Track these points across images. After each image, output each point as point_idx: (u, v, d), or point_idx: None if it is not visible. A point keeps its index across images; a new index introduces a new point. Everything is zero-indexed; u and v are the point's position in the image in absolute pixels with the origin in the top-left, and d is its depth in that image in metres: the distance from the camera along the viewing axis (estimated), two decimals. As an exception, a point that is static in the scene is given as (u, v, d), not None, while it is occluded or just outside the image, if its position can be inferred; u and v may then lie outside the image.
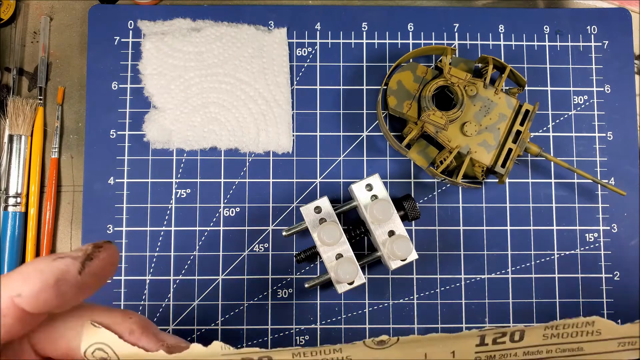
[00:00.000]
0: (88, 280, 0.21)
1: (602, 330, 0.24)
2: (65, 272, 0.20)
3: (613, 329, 0.24)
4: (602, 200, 0.39)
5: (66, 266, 0.20)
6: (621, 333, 0.24)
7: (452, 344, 0.23)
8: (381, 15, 0.41)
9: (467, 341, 0.23)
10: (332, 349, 0.22)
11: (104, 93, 0.39)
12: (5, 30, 0.41)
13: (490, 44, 0.41)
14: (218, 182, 0.39)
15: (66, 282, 0.20)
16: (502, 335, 0.23)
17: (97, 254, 0.21)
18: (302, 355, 0.22)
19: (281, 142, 0.39)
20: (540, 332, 0.24)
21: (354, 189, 0.35)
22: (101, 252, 0.21)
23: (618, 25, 0.41)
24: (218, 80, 0.39)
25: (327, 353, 0.22)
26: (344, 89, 0.40)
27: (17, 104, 0.39)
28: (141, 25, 0.40)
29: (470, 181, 0.38)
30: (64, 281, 0.20)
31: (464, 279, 0.38)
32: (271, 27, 0.40)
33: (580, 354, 0.24)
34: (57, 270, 0.20)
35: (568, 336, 0.24)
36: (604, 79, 0.40)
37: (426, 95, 0.36)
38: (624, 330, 0.24)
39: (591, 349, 0.24)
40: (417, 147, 0.38)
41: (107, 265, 0.21)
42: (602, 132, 0.40)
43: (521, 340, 0.24)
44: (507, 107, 0.37)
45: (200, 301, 0.37)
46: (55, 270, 0.20)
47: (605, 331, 0.24)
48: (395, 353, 0.23)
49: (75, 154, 0.40)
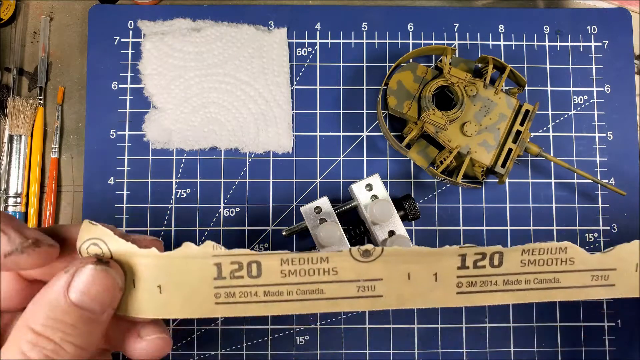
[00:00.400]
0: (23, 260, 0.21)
1: (575, 258, 0.25)
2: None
3: (585, 258, 0.25)
4: (602, 200, 0.39)
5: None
6: (593, 264, 0.25)
7: (434, 261, 0.24)
8: (381, 15, 0.41)
9: (449, 260, 0.24)
10: (319, 257, 0.23)
11: (104, 93, 0.39)
12: (5, 30, 0.41)
13: (490, 44, 0.41)
14: (218, 182, 0.39)
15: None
16: (482, 258, 0.24)
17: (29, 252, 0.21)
18: (290, 262, 0.23)
19: (281, 142, 0.39)
20: (517, 255, 0.25)
21: (354, 189, 0.35)
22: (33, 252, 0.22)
23: (618, 25, 0.41)
24: (218, 80, 0.39)
25: (315, 262, 0.23)
26: (344, 89, 0.40)
27: (17, 104, 0.39)
28: (141, 25, 0.40)
29: (470, 181, 0.38)
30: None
31: (464, 279, 0.38)
32: (271, 27, 0.40)
33: (556, 287, 0.25)
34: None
35: (544, 263, 0.25)
36: (604, 79, 0.40)
37: (426, 95, 0.36)
38: (594, 259, 0.25)
39: (567, 281, 0.25)
40: (417, 147, 0.38)
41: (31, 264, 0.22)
42: (602, 132, 0.40)
43: (500, 266, 0.24)
44: (507, 107, 0.37)
45: (200, 301, 0.37)
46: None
47: (577, 259, 0.25)
48: (379, 268, 0.24)
49: (75, 154, 0.40)
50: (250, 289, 0.23)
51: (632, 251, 0.25)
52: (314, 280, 0.23)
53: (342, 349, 0.37)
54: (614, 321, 0.38)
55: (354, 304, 0.24)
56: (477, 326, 0.38)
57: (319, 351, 0.37)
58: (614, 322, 0.38)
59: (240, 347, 0.37)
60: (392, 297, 0.24)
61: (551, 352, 0.38)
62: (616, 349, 0.38)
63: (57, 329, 0.21)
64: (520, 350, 0.38)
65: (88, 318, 0.21)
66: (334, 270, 0.23)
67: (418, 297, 0.24)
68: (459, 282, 0.24)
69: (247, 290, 0.23)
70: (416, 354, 0.37)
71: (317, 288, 0.23)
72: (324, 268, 0.23)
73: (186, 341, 0.37)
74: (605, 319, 0.38)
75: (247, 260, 0.23)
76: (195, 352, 0.37)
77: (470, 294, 0.24)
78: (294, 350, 0.37)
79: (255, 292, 0.23)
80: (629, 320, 0.38)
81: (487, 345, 0.38)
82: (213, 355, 0.37)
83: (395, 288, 0.24)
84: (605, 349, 0.38)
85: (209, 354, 0.37)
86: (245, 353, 0.37)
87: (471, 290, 0.24)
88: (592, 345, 0.38)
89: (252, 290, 0.23)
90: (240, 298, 0.23)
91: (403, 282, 0.24)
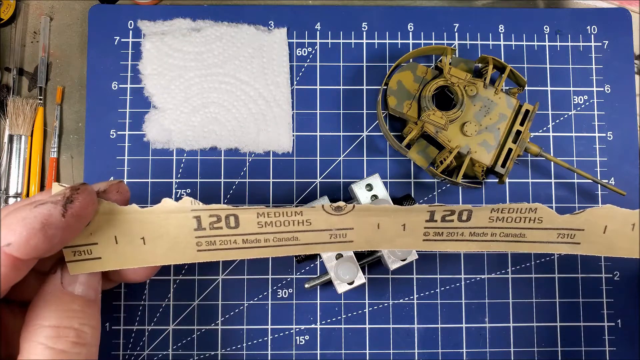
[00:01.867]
0: (71, 221, 0.22)
1: (544, 218, 0.26)
2: (49, 216, 0.21)
3: (553, 218, 0.26)
4: (602, 200, 0.39)
5: (48, 210, 0.21)
6: (560, 223, 0.26)
7: (403, 216, 0.25)
8: (381, 15, 0.41)
9: (418, 215, 0.25)
10: (294, 211, 0.25)
11: (104, 93, 0.39)
12: (5, 30, 0.41)
13: (490, 44, 0.41)
14: (218, 182, 0.39)
15: (52, 225, 0.21)
16: (450, 214, 0.25)
17: (77, 196, 0.22)
18: (266, 215, 0.25)
19: (281, 142, 0.39)
20: (487, 213, 0.25)
21: (354, 189, 0.35)
22: (80, 194, 0.22)
23: (618, 25, 0.41)
24: (218, 80, 0.39)
25: (289, 215, 0.25)
26: (344, 89, 0.40)
27: (17, 104, 0.39)
28: (141, 25, 0.40)
29: (470, 181, 0.38)
30: (50, 224, 0.21)
31: (464, 278, 0.38)
32: (271, 27, 0.40)
33: (521, 240, 0.25)
34: (40, 215, 0.21)
35: (512, 221, 0.25)
36: (604, 79, 0.40)
37: (426, 95, 0.36)
38: (563, 220, 0.26)
39: (532, 237, 0.26)
40: (417, 147, 0.38)
41: (87, 205, 0.22)
42: (602, 132, 0.40)
43: (468, 221, 0.25)
44: (507, 107, 0.37)
45: (200, 301, 0.37)
46: (38, 215, 0.21)
47: (546, 219, 0.26)
48: (350, 220, 0.25)
49: (75, 154, 0.40)
50: (230, 238, 0.25)
51: (602, 215, 0.26)
52: (290, 230, 0.25)
53: (342, 349, 0.37)
54: (614, 321, 0.38)
55: (326, 247, 0.25)
56: (477, 326, 0.38)
57: (319, 351, 0.37)
58: (614, 322, 0.38)
59: (240, 347, 0.37)
60: (362, 241, 0.25)
61: (551, 352, 0.38)
62: (616, 349, 0.38)
63: (72, 317, 0.22)
64: (520, 350, 0.38)
65: (89, 301, 0.24)
66: (307, 221, 0.25)
67: (386, 242, 0.26)
68: (426, 232, 0.25)
69: (227, 239, 0.25)
70: (416, 354, 0.37)
71: (292, 236, 0.25)
72: (298, 220, 0.25)
73: (186, 341, 0.37)
74: (605, 319, 0.38)
75: (225, 214, 0.24)
76: (195, 352, 0.37)
77: (435, 241, 0.25)
78: (294, 350, 0.37)
79: (234, 240, 0.25)
80: (629, 320, 0.38)
81: (487, 345, 0.38)
82: (213, 355, 0.37)
83: (364, 235, 0.25)
84: (605, 349, 0.38)
85: (209, 354, 0.37)
86: (245, 353, 0.37)
87: (437, 238, 0.25)
88: (592, 345, 0.38)
89: (231, 239, 0.25)
90: (221, 245, 0.25)
91: (373, 231, 0.25)
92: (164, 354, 0.37)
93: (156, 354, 0.37)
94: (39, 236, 0.20)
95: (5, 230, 0.20)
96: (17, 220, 0.20)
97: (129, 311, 0.37)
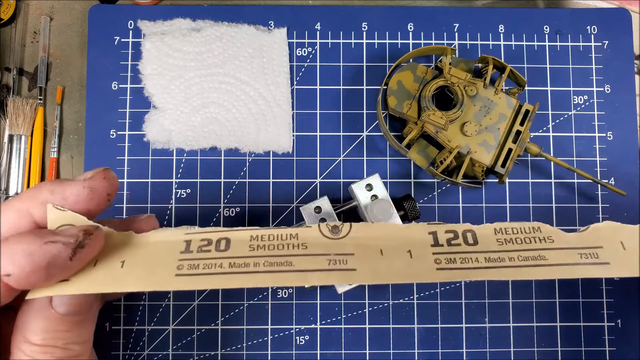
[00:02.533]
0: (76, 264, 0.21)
1: (553, 236, 0.24)
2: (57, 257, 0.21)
3: (562, 236, 0.24)
4: (602, 200, 0.39)
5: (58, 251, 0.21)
6: (574, 242, 0.24)
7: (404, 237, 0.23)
8: (381, 15, 0.41)
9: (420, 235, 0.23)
10: (289, 234, 0.23)
11: (104, 93, 0.39)
12: (5, 30, 0.41)
13: (490, 44, 0.41)
14: (218, 182, 0.39)
15: (57, 265, 0.21)
16: (454, 237, 0.24)
17: (89, 242, 0.22)
18: (259, 238, 0.23)
19: (281, 142, 0.39)
20: (491, 233, 0.24)
21: (354, 189, 0.35)
22: (92, 240, 0.22)
23: (618, 25, 0.41)
24: (218, 80, 0.39)
25: (284, 238, 0.23)
26: (344, 89, 0.40)
27: (17, 104, 0.39)
28: (141, 25, 0.40)
29: (470, 181, 0.38)
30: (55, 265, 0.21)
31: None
32: (271, 27, 0.40)
33: (544, 264, 0.23)
34: (48, 254, 0.21)
35: (522, 242, 0.24)
36: (604, 79, 0.40)
37: (426, 95, 0.36)
38: (573, 238, 0.24)
39: (554, 259, 0.23)
40: (417, 147, 0.38)
41: (96, 250, 0.22)
42: (602, 132, 0.40)
43: (476, 245, 0.23)
44: (507, 107, 0.37)
45: (200, 301, 0.37)
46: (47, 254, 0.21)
47: (555, 238, 0.24)
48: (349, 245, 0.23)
49: (75, 154, 0.40)
50: (216, 261, 0.22)
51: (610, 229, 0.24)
52: (283, 253, 0.22)
53: (342, 349, 0.37)
54: (614, 321, 0.38)
55: (324, 276, 0.22)
56: (477, 326, 0.38)
57: (319, 351, 0.37)
58: (614, 322, 0.38)
59: (240, 347, 0.37)
60: (367, 273, 0.22)
61: (551, 352, 0.38)
62: (616, 349, 0.38)
63: (57, 338, 0.22)
64: (520, 350, 0.38)
65: (78, 321, 0.23)
66: (303, 245, 0.23)
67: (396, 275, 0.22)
68: (436, 259, 0.23)
69: (211, 262, 0.22)
70: (416, 354, 0.37)
71: (285, 260, 0.22)
72: (293, 244, 0.23)
73: (186, 341, 0.37)
74: (605, 319, 0.38)
75: (217, 237, 0.23)
76: (195, 352, 0.37)
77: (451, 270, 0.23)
78: (294, 350, 0.37)
79: (220, 264, 0.22)
80: (629, 320, 0.38)
81: (487, 345, 0.38)
82: (213, 355, 0.37)
83: (368, 264, 0.23)
84: (605, 349, 0.38)
85: (209, 354, 0.37)
86: (245, 353, 0.37)
87: (451, 266, 0.23)
88: (592, 345, 0.38)
89: (217, 262, 0.22)
90: (204, 269, 0.22)
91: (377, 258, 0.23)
92: (164, 354, 0.37)
93: (156, 354, 0.37)
94: (41, 273, 0.20)
95: (7, 259, 0.20)
96: (24, 254, 0.20)
97: (129, 311, 0.37)
